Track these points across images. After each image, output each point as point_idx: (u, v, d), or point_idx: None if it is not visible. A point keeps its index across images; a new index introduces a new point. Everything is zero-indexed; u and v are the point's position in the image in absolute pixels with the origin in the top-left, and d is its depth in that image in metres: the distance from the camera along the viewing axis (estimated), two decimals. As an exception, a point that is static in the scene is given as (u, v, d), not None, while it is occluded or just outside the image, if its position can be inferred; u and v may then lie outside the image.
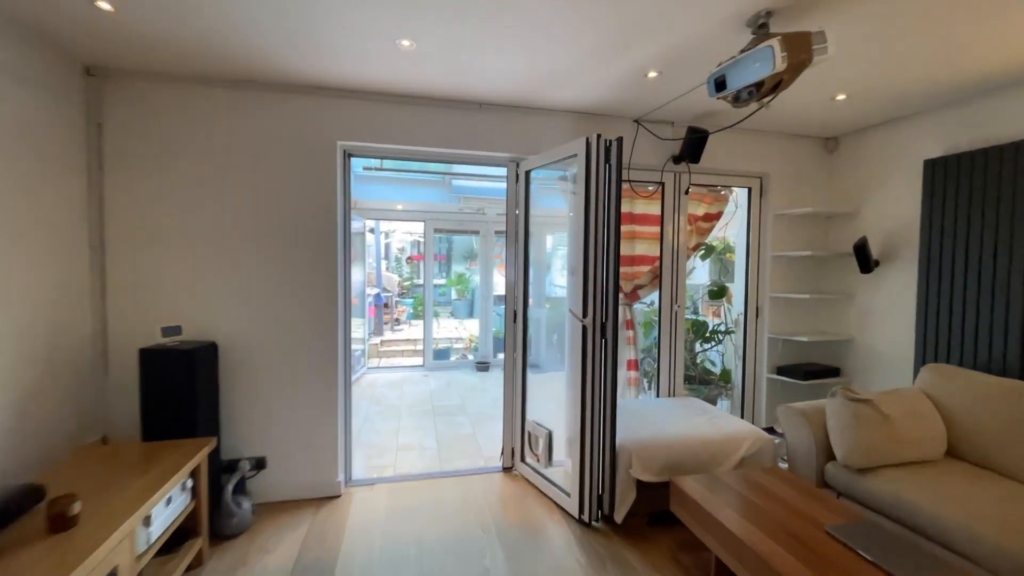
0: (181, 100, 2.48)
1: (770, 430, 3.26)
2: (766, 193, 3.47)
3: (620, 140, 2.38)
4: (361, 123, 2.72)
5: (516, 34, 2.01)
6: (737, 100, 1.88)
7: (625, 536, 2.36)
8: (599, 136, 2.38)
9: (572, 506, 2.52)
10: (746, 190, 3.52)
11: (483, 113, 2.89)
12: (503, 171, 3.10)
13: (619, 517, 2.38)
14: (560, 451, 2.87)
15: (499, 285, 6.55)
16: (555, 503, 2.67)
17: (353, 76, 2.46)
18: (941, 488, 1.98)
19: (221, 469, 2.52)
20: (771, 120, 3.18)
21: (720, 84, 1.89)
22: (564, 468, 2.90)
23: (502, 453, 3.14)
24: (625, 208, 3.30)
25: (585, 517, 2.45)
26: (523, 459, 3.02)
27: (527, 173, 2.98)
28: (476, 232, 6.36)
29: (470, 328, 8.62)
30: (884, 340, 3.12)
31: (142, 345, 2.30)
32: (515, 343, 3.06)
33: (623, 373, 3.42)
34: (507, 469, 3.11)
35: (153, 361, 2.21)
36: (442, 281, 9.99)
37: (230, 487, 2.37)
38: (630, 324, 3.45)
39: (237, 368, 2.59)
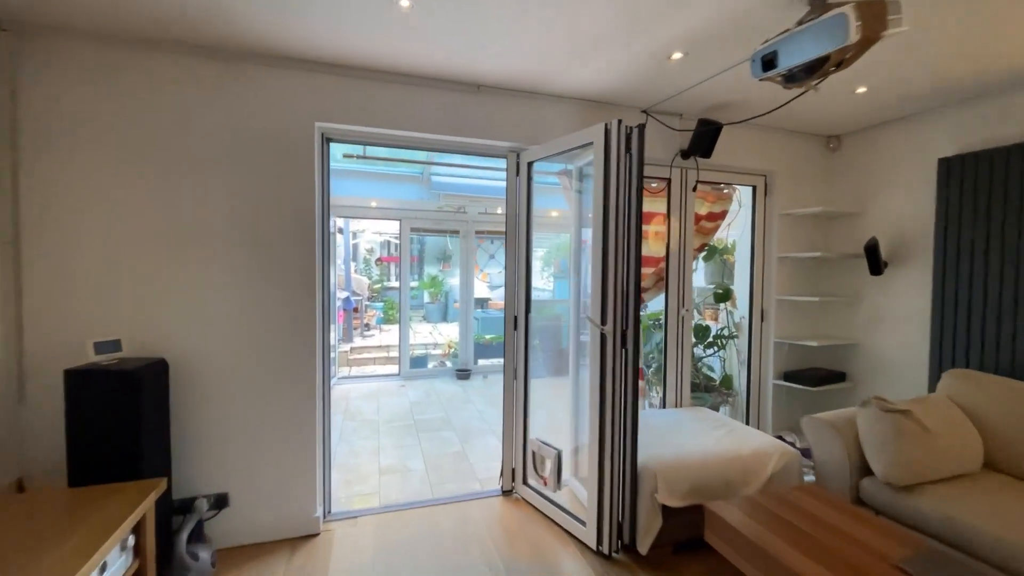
0: (122, 66, 2.05)
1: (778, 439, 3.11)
2: (771, 192, 3.34)
3: (642, 127, 2.15)
4: (343, 102, 2.36)
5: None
6: (789, 80, 1.67)
7: (652, 570, 2.11)
8: (620, 122, 2.14)
9: (588, 536, 2.25)
10: (750, 188, 3.38)
11: (482, 97, 2.59)
12: (489, 165, 2.81)
13: (643, 548, 2.13)
14: (566, 470, 2.60)
15: (478, 288, 6.23)
16: (567, 532, 2.39)
17: (338, 45, 2.11)
18: (995, 506, 1.84)
19: (173, 511, 2.10)
20: (775, 115, 3.04)
21: (769, 63, 1.68)
22: (569, 487, 2.64)
23: (501, 474, 2.84)
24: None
25: (604, 548, 2.19)
26: (525, 481, 2.73)
27: (529, 165, 2.70)
28: (456, 232, 6.02)
29: (446, 333, 8.25)
30: (892, 344, 3.04)
31: (69, 365, 1.86)
32: (516, 353, 2.77)
33: (628, 382, 3.19)
34: (507, 492, 2.81)
35: (83, 384, 1.78)
36: (414, 284, 9.55)
37: (184, 534, 1.96)
38: (634, 330, 3.22)
39: (192, 389, 2.17)
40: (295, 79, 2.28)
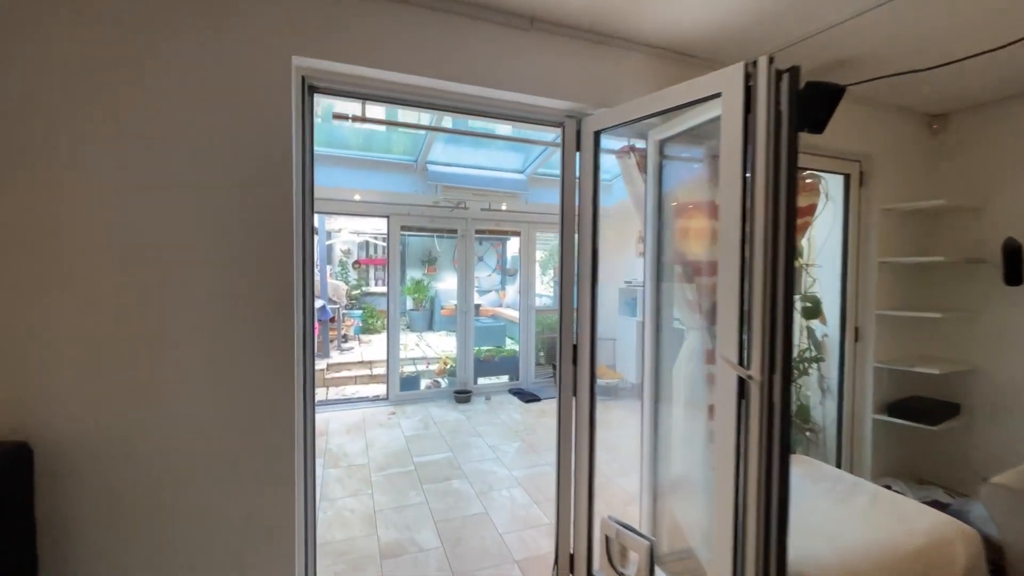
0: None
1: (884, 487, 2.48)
2: (867, 182, 2.71)
3: (796, 71, 1.43)
4: (335, 30, 1.55)
5: None
6: None
7: None
8: (770, 61, 1.41)
9: None
10: (840, 177, 2.74)
11: (535, 36, 1.83)
12: (530, 136, 2.06)
13: None
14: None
15: (466, 293, 5.42)
16: (670, 664, 1.66)
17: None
18: None
19: None
20: (873, 85, 2.41)
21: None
22: None
23: (555, 562, 2.07)
24: (700, 196, 2.39)
25: None
26: (590, 573, 1.98)
27: (596, 135, 1.95)
28: (453, 232, 5.20)
29: (435, 344, 7.41)
30: (1030, 371, 2.44)
31: None
32: (576, 397, 2.01)
33: (706, 423, 2.49)
34: (563, 587, 2.04)
35: None
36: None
37: None
38: (710, 355, 2.52)
39: (82, 487, 1.32)
40: (260, -15, 1.46)
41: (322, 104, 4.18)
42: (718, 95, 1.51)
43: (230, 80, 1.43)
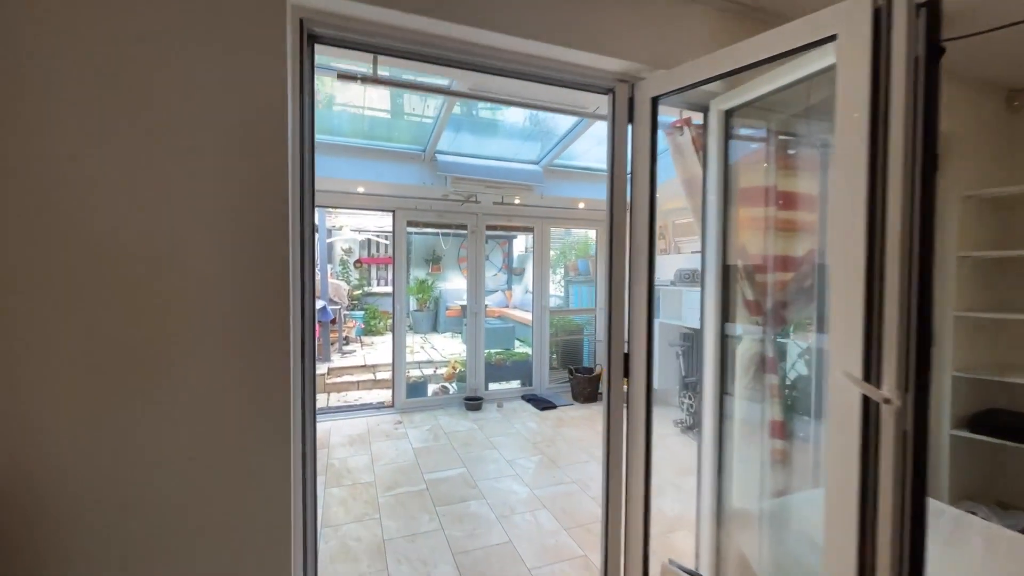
0: None
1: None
2: (943, 165, 2.39)
3: (937, 4, 1.11)
4: (343, -41, 1.23)
5: None
6: None
7: None
8: (910, -12, 1.09)
9: None
10: (911, 161, 2.42)
11: (583, -21, 1.50)
12: (509, 143, 1.75)
13: None
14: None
15: (463, 294, 5.09)
16: None
17: None
18: None
19: None
20: (950, 53, 2.09)
21: None
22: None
23: (601, 611, 1.75)
24: (763, 182, 2.07)
25: None
26: (646, 626, 1.66)
27: (654, 102, 1.62)
28: (463, 227, 4.87)
29: (440, 346, 7.09)
30: None
31: None
32: (625, 413, 1.69)
33: (766, 443, 2.18)
34: (612, 642, 1.72)
35: None
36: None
37: None
38: (772, 364, 2.21)
39: (20, 544, 1.00)
40: None
41: (322, 93, 3.86)
42: (831, 39, 1.19)
43: (206, 18, 1.11)
